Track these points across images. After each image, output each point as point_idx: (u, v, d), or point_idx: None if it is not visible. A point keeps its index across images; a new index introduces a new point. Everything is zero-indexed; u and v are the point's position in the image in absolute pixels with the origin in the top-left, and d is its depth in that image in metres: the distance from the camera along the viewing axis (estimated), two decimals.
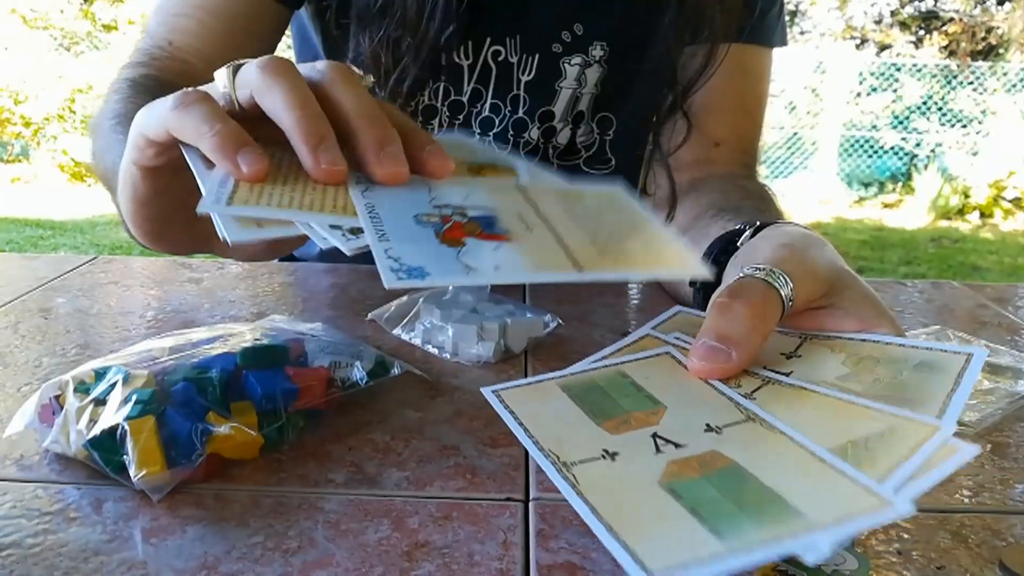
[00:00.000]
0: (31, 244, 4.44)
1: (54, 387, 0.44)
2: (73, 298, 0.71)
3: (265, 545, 0.37)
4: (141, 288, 0.74)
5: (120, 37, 6.91)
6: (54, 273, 0.78)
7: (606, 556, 0.37)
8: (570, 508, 0.40)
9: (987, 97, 7.01)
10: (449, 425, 0.49)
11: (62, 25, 6.88)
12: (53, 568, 0.35)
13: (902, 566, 0.37)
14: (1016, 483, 0.45)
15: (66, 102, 6.46)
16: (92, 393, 0.42)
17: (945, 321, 0.71)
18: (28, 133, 6.41)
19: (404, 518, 0.39)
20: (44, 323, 0.65)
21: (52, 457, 0.44)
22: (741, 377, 0.39)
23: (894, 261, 4.84)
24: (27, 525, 0.38)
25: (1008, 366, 0.60)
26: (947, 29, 8.51)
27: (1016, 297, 0.81)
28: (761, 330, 0.39)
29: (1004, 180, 6.24)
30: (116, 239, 4.59)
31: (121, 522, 0.39)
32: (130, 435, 0.40)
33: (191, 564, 0.36)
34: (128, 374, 0.43)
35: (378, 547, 0.37)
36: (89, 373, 0.44)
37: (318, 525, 0.39)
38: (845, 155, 7.03)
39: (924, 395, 0.36)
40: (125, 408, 0.41)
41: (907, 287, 0.84)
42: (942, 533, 0.40)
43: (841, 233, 5.54)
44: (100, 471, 0.41)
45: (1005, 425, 0.52)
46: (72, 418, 0.42)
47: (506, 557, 0.37)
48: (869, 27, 8.92)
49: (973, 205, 6.23)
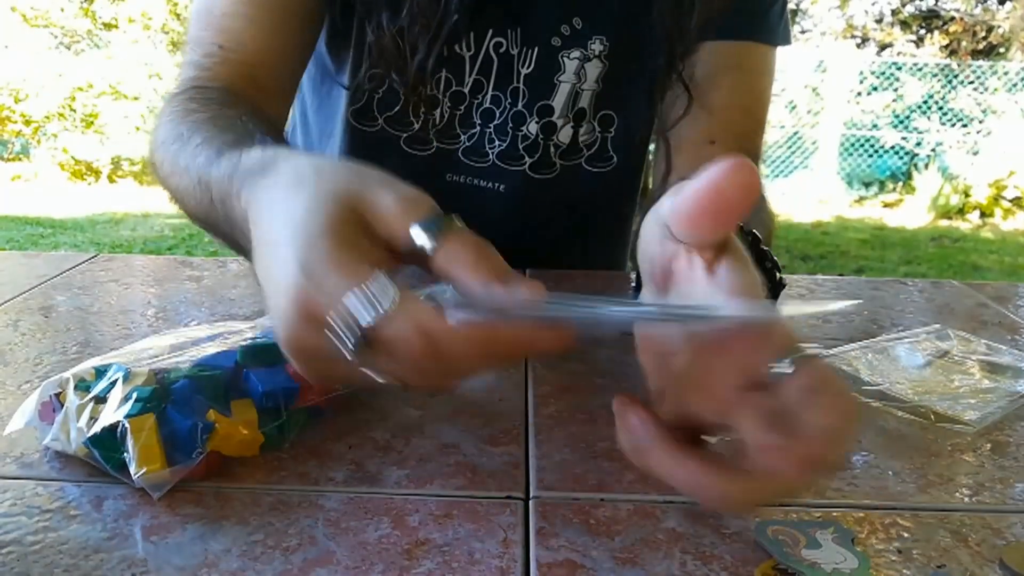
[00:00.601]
0: (31, 242, 4.44)
1: (54, 385, 0.44)
2: (74, 296, 0.71)
3: (265, 543, 0.37)
4: (141, 286, 0.74)
5: (120, 35, 6.90)
6: (55, 271, 0.78)
7: (606, 554, 0.37)
8: (570, 506, 0.41)
9: (988, 96, 7.00)
10: (449, 423, 0.49)
11: (62, 23, 6.87)
12: (53, 565, 0.35)
13: (902, 564, 0.37)
14: (1016, 482, 0.45)
15: (66, 100, 6.45)
16: (93, 391, 0.42)
17: (945, 320, 0.71)
18: (28, 131, 6.41)
19: (404, 516, 0.39)
20: (44, 321, 0.65)
21: (52, 455, 0.44)
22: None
23: (894, 260, 4.84)
24: (27, 523, 0.38)
25: (1008, 365, 0.60)
26: (948, 28, 8.50)
27: (1016, 296, 0.81)
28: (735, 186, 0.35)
29: (1004, 179, 6.24)
30: (116, 237, 4.59)
31: (121, 520, 0.39)
32: (130, 433, 0.40)
33: (191, 562, 0.36)
34: (129, 372, 0.43)
35: (378, 545, 0.37)
36: (89, 371, 0.44)
37: (318, 523, 0.39)
38: (845, 154, 7.02)
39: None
40: (126, 406, 0.41)
41: (907, 286, 0.84)
42: (942, 532, 0.40)
43: (841, 232, 5.54)
44: (100, 469, 0.41)
45: (1005, 424, 0.52)
46: (72, 416, 0.42)
47: (506, 555, 0.37)
48: (870, 26, 8.92)
49: (973, 204, 6.23)
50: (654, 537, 0.39)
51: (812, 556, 0.37)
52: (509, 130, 0.78)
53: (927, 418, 0.52)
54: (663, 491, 0.42)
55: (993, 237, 5.66)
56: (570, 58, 0.76)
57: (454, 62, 0.75)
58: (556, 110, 0.78)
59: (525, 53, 0.75)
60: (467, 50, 0.75)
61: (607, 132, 0.81)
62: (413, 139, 0.79)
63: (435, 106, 0.77)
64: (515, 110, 0.77)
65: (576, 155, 0.81)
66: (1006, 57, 7.81)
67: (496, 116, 0.78)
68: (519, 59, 0.75)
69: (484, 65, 0.75)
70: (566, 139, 0.80)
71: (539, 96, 0.77)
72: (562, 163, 0.81)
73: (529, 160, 0.80)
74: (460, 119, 0.78)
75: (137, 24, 6.88)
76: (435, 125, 0.78)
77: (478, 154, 0.80)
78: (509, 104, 0.77)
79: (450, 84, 0.76)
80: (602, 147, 0.81)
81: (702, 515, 0.40)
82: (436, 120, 0.78)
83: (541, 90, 0.77)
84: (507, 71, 0.76)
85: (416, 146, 0.79)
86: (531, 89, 0.77)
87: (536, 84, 0.76)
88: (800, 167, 6.97)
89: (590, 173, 0.82)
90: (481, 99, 0.77)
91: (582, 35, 0.75)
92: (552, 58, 0.76)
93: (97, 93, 6.53)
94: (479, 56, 0.75)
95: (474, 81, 0.76)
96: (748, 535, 0.39)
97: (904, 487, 0.44)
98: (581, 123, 0.79)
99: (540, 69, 0.76)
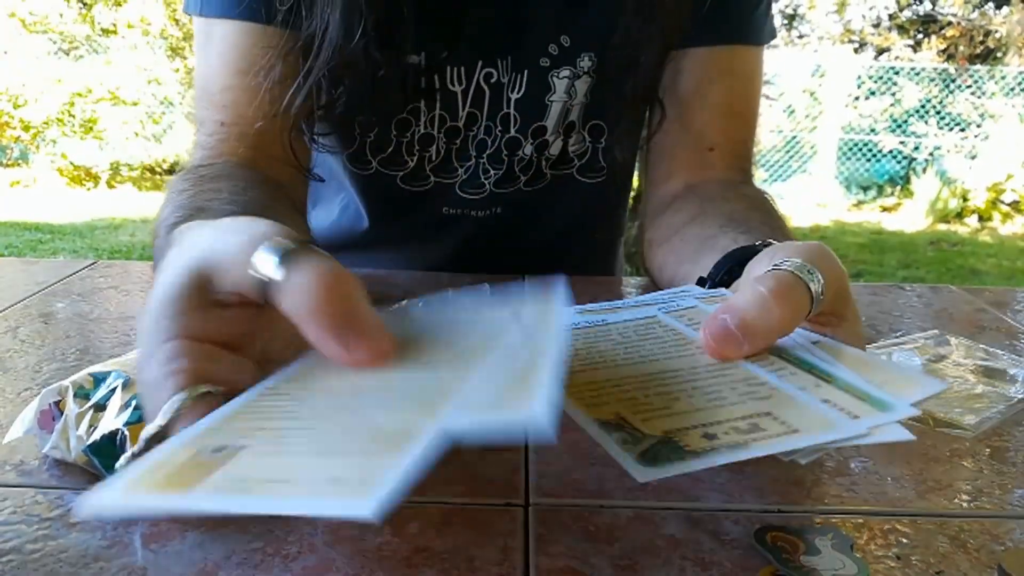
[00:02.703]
0: (30, 248, 4.44)
1: (54, 392, 0.44)
2: (73, 303, 0.71)
3: (265, 551, 0.37)
4: (141, 293, 0.74)
5: (119, 41, 6.91)
6: (54, 278, 0.78)
7: (605, 560, 0.37)
8: (570, 513, 0.41)
9: (985, 101, 7.02)
10: None
11: (61, 29, 6.88)
12: (53, 574, 0.35)
13: (901, 571, 0.37)
14: (1015, 487, 0.45)
15: (65, 106, 6.46)
16: (92, 398, 0.43)
17: (944, 325, 0.71)
18: (27, 137, 6.41)
19: (404, 523, 0.39)
20: (44, 328, 0.65)
21: (52, 462, 0.44)
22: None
23: (892, 264, 4.84)
24: (27, 531, 0.38)
25: (1006, 370, 0.60)
26: (945, 33, 8.52)
27: (1014, 301, 0.81)
28: (783, 329, 0.38)
29: (1002, 183, 6.25)
30: (115, 243, 4.59)
31: (121, 528, 0.39)
32: (129, 440, 0.40)
33: (191, 570, 0.36)
34: (128, 379, 0.43)
35: (378, 553, 0.37)
36: (88, 378, 0.44)
37: (318, 531, 0.39)
38: (843, 158, 7.03)
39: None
40: (125, 413, 0.41)
41: (906, 291, 0.84)
42: (941, 538, 0.40)
43: (840, 236, 5.54)
44: (101, 476, 0.41)
45: (1003, 429, 0.52)
46: (72, 423, 0.42)
47: (506, 562, 0.37)
48: (867, 30, 8.93)
49: (971, 208, 6.24)
50: (653, 544, 0.39)
51: (811, 562, 0.37)
52: (504, 157, 0.78)
53: (926, 423, 0.52)
54: (663, 498, 0.42)
55: (991, 241, 5.67)
56: (560, 77, 0.75)
57: (446, 98, 0.75)
58: (549, 129, 0.78)
59: (514, 78, 0.75)
60: (459, 85, 0.74)
61: (598, 142, 0.81)
62: (410, 177, 0.79)
63: (430, 144, 0.77)
64: (508, 136, 0.77)
65: (567, 165, 0.81)
66: (1003, 61, 7.83)
67: (489, 145, 0.78)
68: (508, 85, 0.75)
69: (476, 97, 0.75)
70: (556, 151, 0.80)
71: (532, 119, 0.77)
72: (553, 173, 0.81)
73: (524, 178, 0.80)
74: (456, 153, 0.78)
75: (136, 30, 6.89)
76: (431, 161, 0.78)
77: (474, 185, 0.80)
78: (500, 132, 0.77)
79: (444, 121, 0.76)
80: (593, 157, 0.81)
81: (702, 521, 0.40)
82: (432, 156, 0.78)
83: (533, 112, 0.77)
84: (497, 99, 0.75)
85: (414, 183, 0.79)
86: (522, 113, 0.76)
87: (527, 107, 0.76)
88: (798, 171, 6.98)
89: (582, 184, 0.82)
90: (476, 131, 0.77)
91: (570, 53, 0.75)
92: (542, 79, 0.75)
93: (96, 99, 6.53)
94: (470, 89, 0.75)
95: (468, 114, 0.76)
96: (747, 541, 0.39)
97: (903, 493, 0.44)
98: (571, 134, 0.79)
99: (530, 92, 0.75)
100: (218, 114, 0.69)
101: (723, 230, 0.61)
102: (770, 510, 0.42)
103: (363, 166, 0.78)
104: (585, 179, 0.82)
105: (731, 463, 0.31)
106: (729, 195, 0.70)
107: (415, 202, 0.80)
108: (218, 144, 0.68)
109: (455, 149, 0.78)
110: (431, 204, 0.81)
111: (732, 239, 0.57)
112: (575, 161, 0.81)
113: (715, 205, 0.68)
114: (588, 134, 0.80)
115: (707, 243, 0.61)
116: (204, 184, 0.60)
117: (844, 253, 5.03)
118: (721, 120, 0.76)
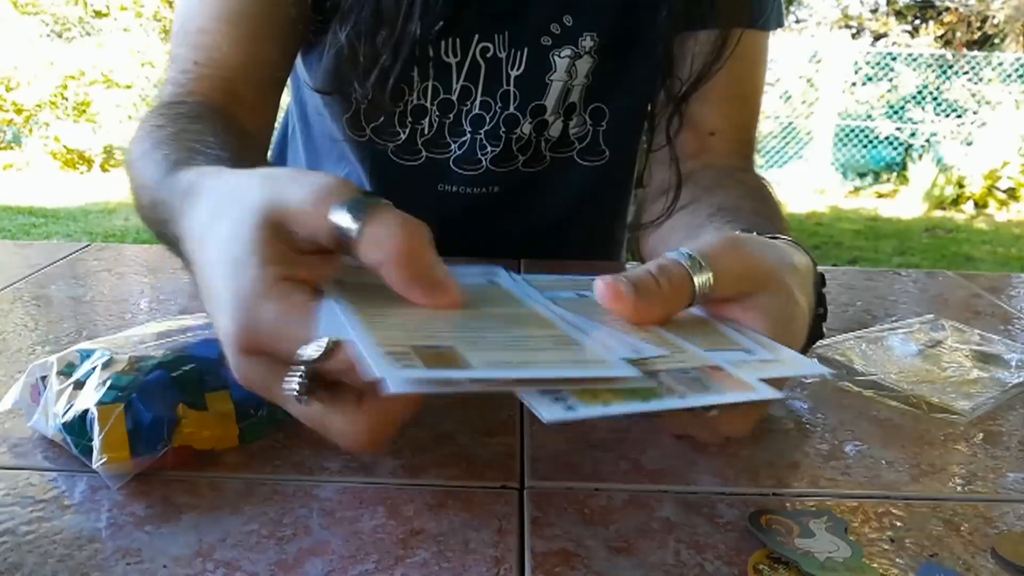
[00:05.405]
0: (23, 232, 4.42)
1: (41, 368, 0.44)
2: (67, 285, 0.71)
3: (260, 532, 0.37)
4: (135, 276, 0.74)
5: (112, 23, 6.86)
6: (47, 260, 0.78)
7: (600, 543, 0.37)
8: (565, 495, 0.41)
9: (982, 87, 7.01)
10: (444, 413, 0.49)
11: (53, 11, 6.82)
12: (48, 555, 0.35)
13: (895, 553, 0.37)
14: (1008, 471, 0.45)
15: (58, 88, 6.41)
16: (73, 375, 0.42)
17: (939, 311, 0.71)
18: (20, 120, 6.37)
19: (399, 506, 0.39)
20: (38, 311, 0.65)
21: (46, 444, 0.44)
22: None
23: (888, 251, 4.85)
24: (21, 512, 0.38)
25: (1001, 355, 0.60)
26: (943, 18, 8.50)
27: (1009, 287, 0.81)
28: (664, 312, 0.40)
29: (999, 170, 6.25)
30: (109, 227, 4.58)
31: (116, 510, 0.39)
32: (97, 421, 0.40)
33: (186, 551, 0.36)
34: (111, 358, 0.43)
35: (373, 534, 0.37)
36: (74, 354, 0.44)
37: (313, 512, 0.39)
38: (840, 145, 7.03)
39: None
40: (99, 393, 0.40)
41: (901, 276, 0.84)
42: (935, 521, 0.40)
43: (836, 223, 5.55)
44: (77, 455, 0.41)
45: (997, 414, 0.52)
46: (51, 400, 0.42)
47: (501, 544, 0.37)
48: (865, 16, 8.91)
49: (967, 195, 6.24)
50: (648, 526, 0.39)
51: (805, 545, 0.37)
52: (502, 134, 0.78)
53: (920, 408, 0.52)
54: (657, 481, 0.43)
55: (987, 228, 5.68)
56: (561, 56, 0.75)
57: (440, 70, 0.74)
58: (548, 108, 0.77)
59: (514, 55, 0.74)
60: (453, 57, 0.74)
61: (599, 125, 0.80)
62: (401, 149, 0.78)
63: (423, 116, 0.76)
64: (507, 113, 0.77)
65: (567, 148, 0.81)
66: (1001, 48, 7.82)
67: (486, 122, 0.77)
68: (508, 62, 0.74)
69: (471, 71, 0.74)
70: (556, 132, 0.79)
71: (531, 97, 0.76)
72: (552, 155, 0.81)
73: (522, 158, 0.80)
74: (449, 127, 0.77)
75: (129, 12, 6.84)
76: (424, 135, 0.77)
77: (470, 162, 0.79)
78: (500, 108, 0.76)
79: (437, 93, 0.75)
80: (594, 140, 0.81)
81: (696, 504, 0.41)
82: (424, 130, 0.77)
83: (532, 91, 0.76)
84: (495, 75, 0.75)
85: (405, 156, 0.79)
86: (522, 91, 0.76)
87: (527, 85, 0.76)
88: (794, 157, 6.98)
89: (583, 167, 0.82)
90: (470, 105, 0.76)
91: (573, 32, 0.74)
92: (542, 58, 0.75)
93: (89, 81, 6.48)
94: (466, 62, 0.74)
95: (462, 88, 0.75)
96: (742, 524, 0.39)
97: (897, 476, 0.44)
98: (571, 116, 0.79)
99: (530, 70, 0.75)
100: (192, 53, 0.69)
101: (711, 219, 0.61)
102: (765, 493, 0.42)
103: (359, 132, 0.78)
104: (586, 162, 0.82)
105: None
106: (725, 182, 0.70)
107: (409, 176, 0.79)
108: (189, 82, 0.68)
109: (448, 124, 0.77)
110: (425, 179, 0.80)
111: (717, 228, 0.58)
112: (576, 144, 0.81)
113: (709, 192, 0.68)
114: (589, 117, 0.79)
115: (694, 231, 0.61)
116: (182, 123, 0.60)
117: (840, 240, 5.04)
118: (723, 104, 0.76)
